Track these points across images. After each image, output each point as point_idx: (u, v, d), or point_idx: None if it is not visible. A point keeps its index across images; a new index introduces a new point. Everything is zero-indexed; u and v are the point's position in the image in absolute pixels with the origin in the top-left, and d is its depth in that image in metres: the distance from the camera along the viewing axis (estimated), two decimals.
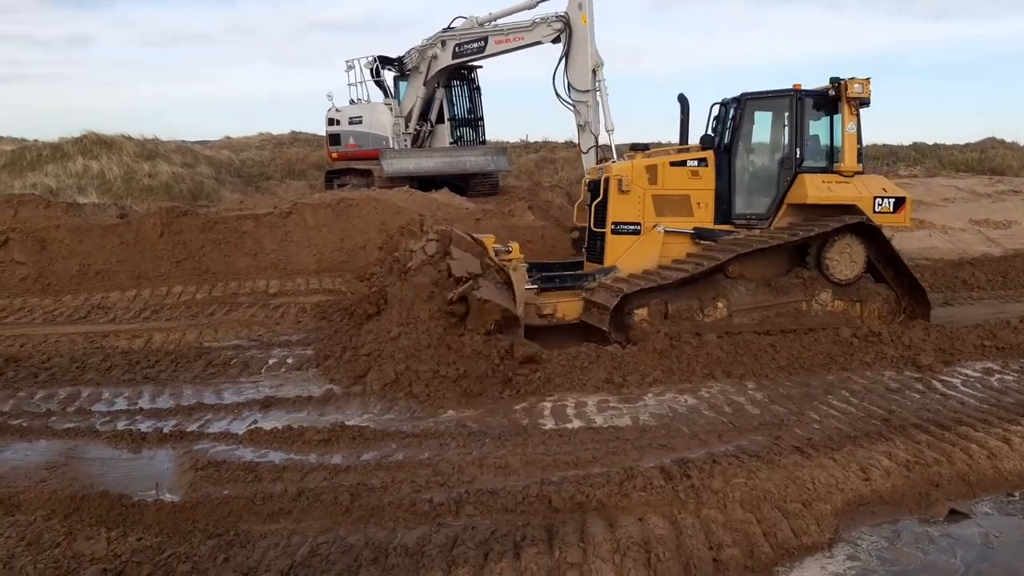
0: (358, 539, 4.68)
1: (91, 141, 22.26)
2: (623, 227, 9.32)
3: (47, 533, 4.71)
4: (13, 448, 6.07)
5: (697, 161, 9.39)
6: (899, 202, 9.24)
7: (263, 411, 6.99)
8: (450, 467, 5.59)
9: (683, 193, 9.36)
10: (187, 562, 4.42)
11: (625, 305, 8.72)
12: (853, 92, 8.96)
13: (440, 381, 7.24)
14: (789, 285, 9.03)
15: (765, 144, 9.73)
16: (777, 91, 9.30)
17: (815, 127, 9.43)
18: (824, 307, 9.08)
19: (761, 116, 9.58)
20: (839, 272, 9.01)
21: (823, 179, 9.12)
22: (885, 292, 9.34)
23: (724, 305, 8.87)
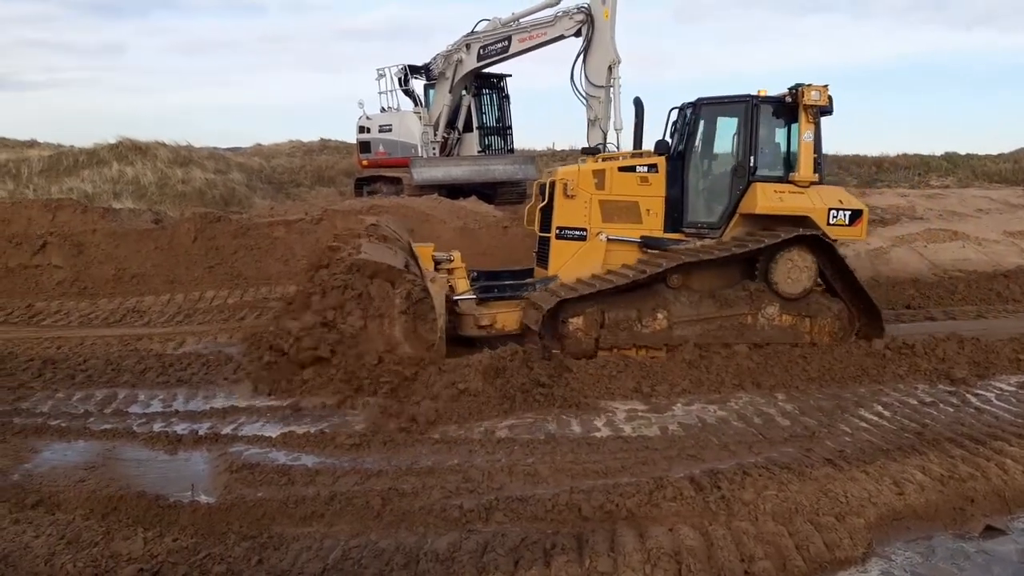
0: (389, 544, 4.72)
1: (126, 147, 22.69)
2: (568, 232, 9.04)
3: (86, 532, 4.82)
4: (52, 448, 6.20)
5: (647, 167, 9.04)
6: (856, 214, 8.81)
7: (295, 414, 7.09)
8: (479, 474, 5.62)
9: (631, 200, 9.02)
10: (222, 563, 4.50)
11: (560, 313, 8.50)
12: (810, 99, 8.58)
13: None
14: (734, 298, 8.71)
15: (719, 151, 9.37)
16: (733, 97, 8.96)
17: (776, 135, 9.15)
18: (771, 321, 8.73)
19: (718, 122, 9.26)
20: (786, 286, 8.65)
21: (776, 189, 8.73)
22: (837, 308, 8.91)
23: (664, 316, 8.56)
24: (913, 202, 17.42)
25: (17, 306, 11.35)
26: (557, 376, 7.58)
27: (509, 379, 7.36)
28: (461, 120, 19.26)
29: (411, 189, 17.48)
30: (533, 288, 9.02)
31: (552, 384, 7.42)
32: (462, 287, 9.10)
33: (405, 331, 7.80)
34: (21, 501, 5.15)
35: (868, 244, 14.14)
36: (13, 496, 5.20)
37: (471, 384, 7.25)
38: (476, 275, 9.85)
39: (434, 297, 8.00)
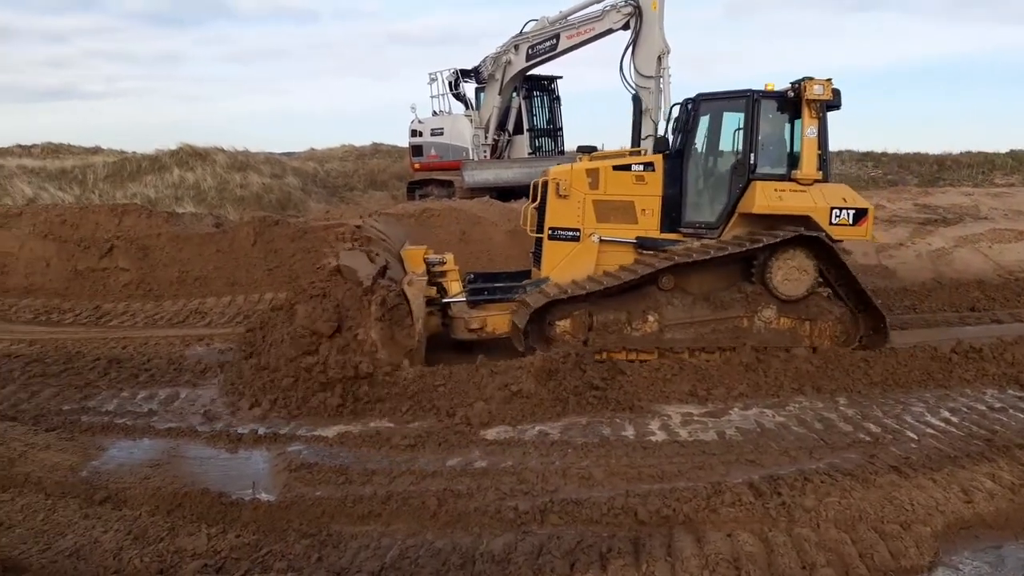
0: (445, 544, 4.76)
1: (186, 153, 23.34)
2: (561, 233, 8.77)
3: (152, 528, 4.97)
4: (119, 446, 6.39)
5: (643, 165, 8.70)
6: (860, 214, 8.33)
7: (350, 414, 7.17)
8: (534, 476, 5.62)
9: (627, 199, 8.71)
10: (282, 560, 4.59)
11: (547, 315, 8.36)
12: (812, 94, 8.19)
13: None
14: (729, 300, 8.45)
15: (719, 148, 9.02)
16: (733, 92, 8.61)
17: (779, 132, 8.75)
18: (768, 324, 8.46)
19: (716, 119, 8.94)
20: (784, 288, 8.32)
21: (776, 187, 8.35)
22: (839, 311, 8.55)
23: (655, 319, 8.37)
24: (977, 201, 16.82)
25: (85, 307, 11.74)
26: (610, 379, 7.53)
27: (562, 381, 7.34)
28: (511, 122, 19.32)
29: (462, 192, 17.61)
30: (524, 290, 8.81)
31: (606, 387, 7.38)
32: (455, 289, 8.98)
33: (383, 337, 7.55)
34: (90, 497, 5.33)
35: (930, 245, 13.73)
36: (83, 492, 5.39)
37: (524, 386, 7.25)
38: (473, 277, 9.82)
39: (411, 301, 7.83)
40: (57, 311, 11.54)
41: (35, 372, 8.35)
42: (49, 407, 7.33)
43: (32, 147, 29.92)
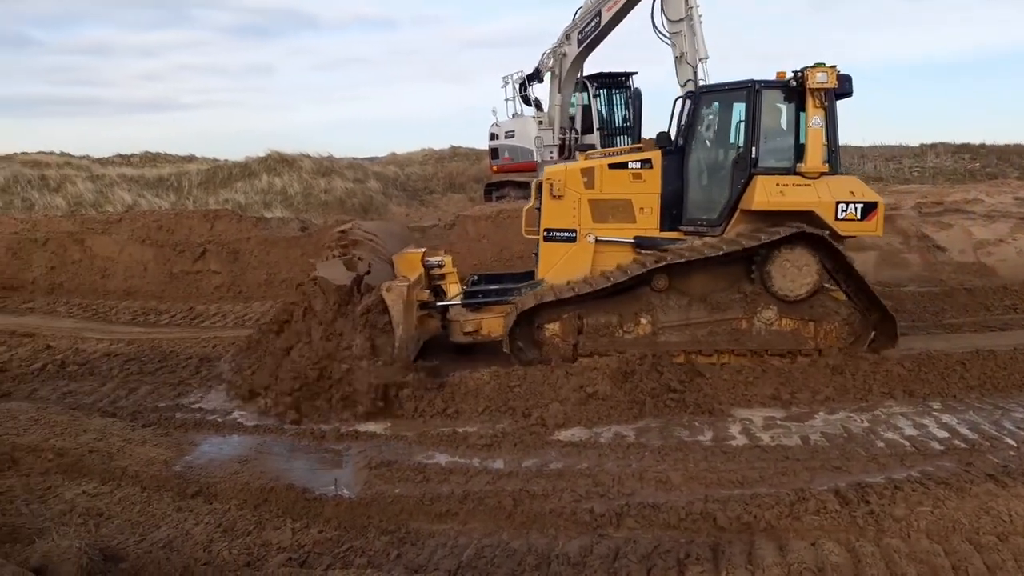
0: (521, 544, 4.77)
1: (274, 160, 24.18)
2: (557, 234, 8.53)
3: (240, 522, 5.17)
4: (210, 442, 6.67)
5: (640, 163, 8.38)
6: (869, 207, 7.84)
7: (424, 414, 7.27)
8: (609, 478, 5.58)
9: (624, 198, 8.42)
10: (363, 556, 4.70)
11: (536, 318, 8.18)
12: (815, 82, 7.78)
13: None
14: (728, 301, 8.10)
15: (720, 142, 8.64)
16: (734, 83, 8.24)
17: (783, 123, 8.33)
18: (769, 326, 8.05)
19: (718, 112, 8.55)
20: (784, 288, 7.92)
21: (778, 182, 7.93)
22: (846, 312, 8.12)
23: (648, 321, 8.10)
24: None
25: (180, 308, 12.30)
26: (689, 381, 7.40)
27: (638, 384, 7.26)
28: (579, 120, 19.15)
29: None
30: (519, 292, 8.59)
31: (684, 389, 7.26)
32: (453, 292, 8.94)
33: (363, 344, 7.54)
34: (183, 491, 5.58)
35: None
36: (176, 486, 5.64)
37: (599, 388, 7.22)
38: (476, 278, 9.74)
39: (390, 307, 7.75)
40: (154, 312, 12.12)
41: (132, 370, 8.80)
42: (145, 404, 7.72)
43: (131, 156, 31.58)
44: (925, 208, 13.62)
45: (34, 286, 13.32)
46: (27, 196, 21.30)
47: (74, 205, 19.88)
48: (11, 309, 12.27)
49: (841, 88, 7.93)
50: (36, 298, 12.84)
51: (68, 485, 5.72)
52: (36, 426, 6.67)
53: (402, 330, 7.73)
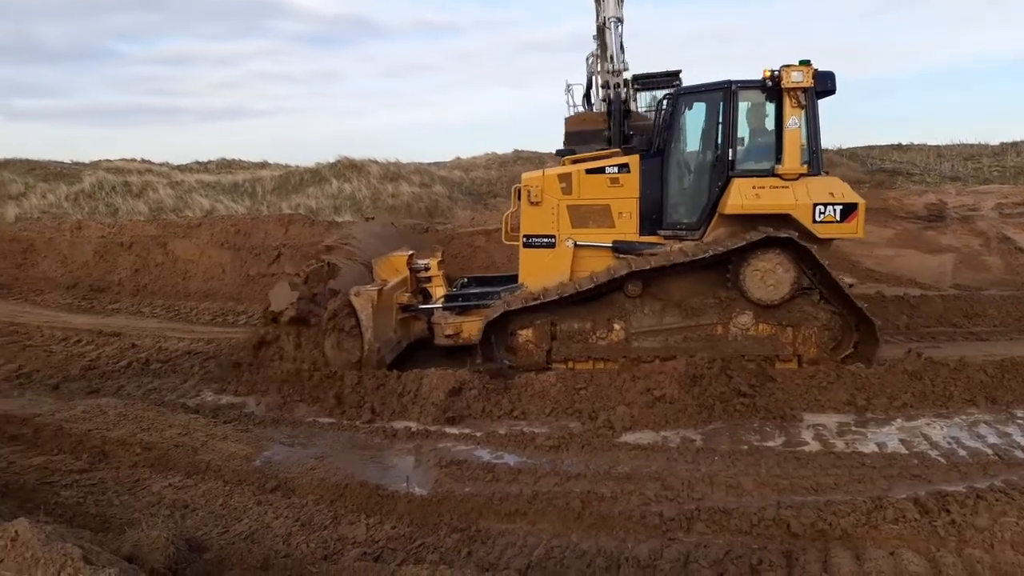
0: (590, 546, 4.79)
1: (343, 165, 24.72)
2: (535, 240, 8.53)
3: (317, 516, 5.33)
4: (286, 438, 6.84)
5: (618, 167, 8.32)
6: (849, 209, 7.66)
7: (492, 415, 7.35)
8: (679, 482, 5.55)
9: (602, 203, 8.37)
10: (435, 552, 4.79)
11: (509, 324, 8.16)
12: (791, 82, 7.61)
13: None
14: (702, 306, 7.99)
15: (698, 145, 8.53)
16: (711, 84, 8.10)
17: (763, 124, 8.15)
18: (745, 331, 7.94)
19: (696, 113, 8.42)
20: (760, 293, 7.76)
21: (754, 184, 7.78)
22: (826, 317, 7.90)
23: (621, 327, 8.06)
24: None
25: (257, 310, 12.66)
26: (759, 386, 7.28)
27: (707, 387, 7.18)
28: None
29: None
30: (498, 296, 8.59)
31: (754, 394, 7.15)
32: (437, 295, 9.02)
33: (331, 348, 8.00)
34: (262, 485, 5.78)
35: None
36: (256, 480, 5.85)
37: (667, 391, 7.17)
38: (467, 281, 9.75)
39: (358, 311, 7.95)
40: (231, 313, 12.53)
41: (212, 368, 9.10)
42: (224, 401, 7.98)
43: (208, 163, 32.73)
44: (1006, 209, 13.08)
45: (120, 288, 13.96)
46: (111, 202, 22.31)
47: (155, 210, 20.72)
48: (98, 310, 12.88)
49: (822, 86, 7.82)
50: (122, 299, 13.44)
51: (155, 478, 5.99)
52: (124, 421, 7.02)
53: (371, 333, 7.95)
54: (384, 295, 8.29)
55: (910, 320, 10.25)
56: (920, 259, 13.12)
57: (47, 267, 14.89)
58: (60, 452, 6.51)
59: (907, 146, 27.26)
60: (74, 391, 8.19)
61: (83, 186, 23.64)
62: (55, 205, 22.01)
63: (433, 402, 7.26)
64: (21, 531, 3.53)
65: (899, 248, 13.56)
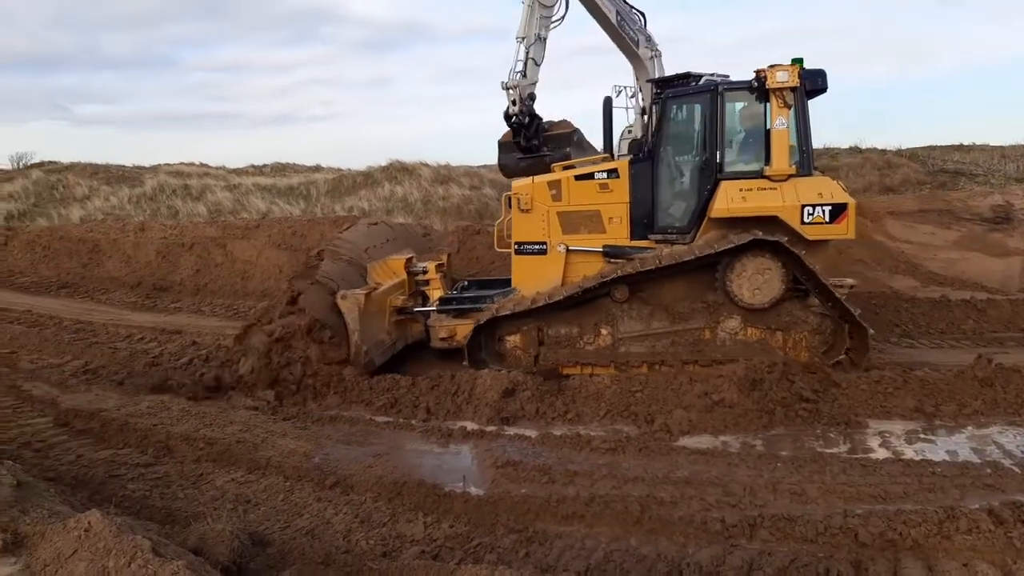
0: (650, 551, 4.73)
1: (395, 168, 24.95)
2: (527, 247, 8.54)
3: (375, 513, 5.38)
4: (344, 436, 6.91)
5: (607, 173, 8.27)
6: (838, 209, 7.49)
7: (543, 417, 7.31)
8: (740, 488, 5.44)
9: (592, 209, 8.34)
10: (492, 552, 4.78)
11: (497, 330, 8.22)
12: (776, 82, 7.49)
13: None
14: (689, 310, 7.92)
15: (688, 147, 8.38)
16: (698, 86, 8.05)
17: (753, 125, 8.01)
18: (733, 335, 7.85)
19: (685, 115, 8.33)
20: (747, 296, 7.64)
21: (742, 187, 7.67)
22: (816, 320, 7.76)
23: (608, 332, 8.06)
24: None
25: None
26: (823, 391, 7.11)
27: (768, 392, 7.03)
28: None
29: None
30: (491, 300, 8.59)
31: (817, 399, 6.97)
32: (433, 298, 9.12)
33: (318, 361, 8.11)
34: (322, 482, 5.85)
35: None
36: (315, 477, 5.92)
37: (726, 395, 7.04)
38: (466, 284, 9.81)
39: (345, 314, 8.10)
40: None
41: None
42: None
43: (263, 167, 33.36)
44: None
45: (181, 287, 14.32)
46: (172, 204, 22.91)
47: (214, 212, 21.21)
48: (161, 308, 13.24)
49: (812, 85, 7.70)
50: (183, 298, 13.80)
51: (218, 472, 6.12)
52: (188, 417, 7.19)
53: (357, 336, 8.09)
54: (374, 298, 8.46)
55: (977, 325, 9.92)
56: (986, 262, 12.67)
57: (112, 267, 15.36)
58: (126, 446, 6.68)
59: (969, 146, 26.40)
60: (138, 387, 8.40)
61: (144, 189, 24.35)
62: (118, 207, 22.70)
63: (487, 403, 7.25)
64: (94, 522, 3.64)
65: (964, 251, 13.12)
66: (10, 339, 10.51)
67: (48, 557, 3.53)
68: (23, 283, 14.90)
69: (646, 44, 10.94)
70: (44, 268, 15.75)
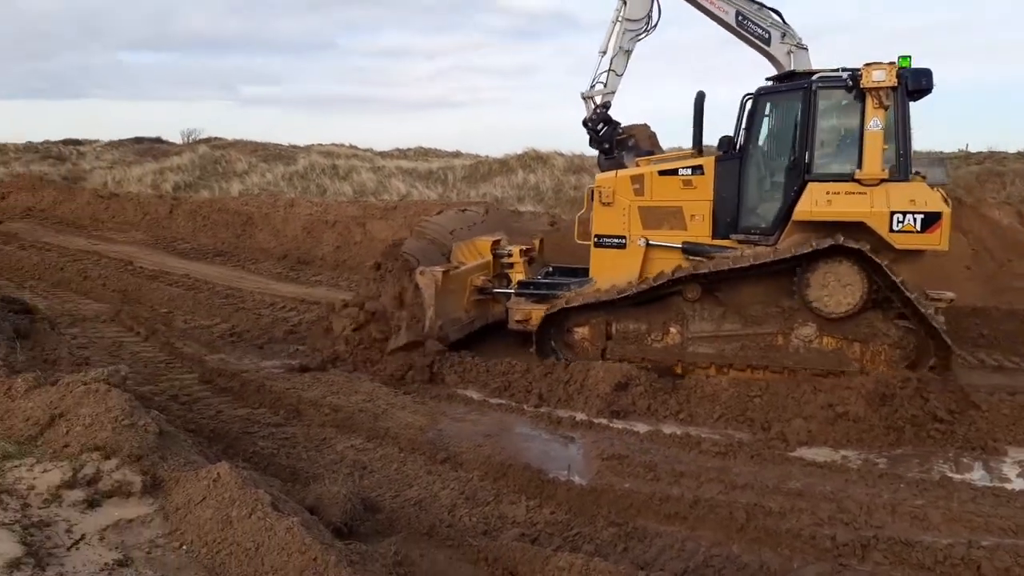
0: (752, 560, 4.63)
1: (530, 157, 25.22)
2: (606, 240, 8.46)
3: (480, 492, 5.54)
4: (459, 414, 7.16)
5: (691, 169, 8.05)
6: (931, 218, 7.05)
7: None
8: (856, 506, 5.21)
9: (675, 205, 8.17)
10: (590, 543, 4.82)
11: (566, 321, 8.28)
12: (871, 81, 7.06)
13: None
14: (763, 315, 7.71)
15: (778, 146, 8.09)
16: (791, 83, 7.76)
17: (848, 125, 7.57)
18: (807, 343, 7.59)
19: (777, 113, 8.05)
20: (824, 304, 7.39)
21: (829, 190, 7.35)
22: (898, 333, 7.37)
23: (677, 331, 7.93)
24: None
25: None
26: (959, 412, 6.64)
27: (898, 408, 6.66)
28: None
29: None
30: (568, 287, 8.61)
31: (952, 420, 6.53)
32: (515, 280, 9.39)
33: (406, 324, 8.36)
34: (433, 456, 6.08)
35: None
36: (428, 451, 6.16)
37: (851, 408, 6.73)
38: (551, 270, 9.92)
39: (422, 290, 8.31)
40: None
41: None
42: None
43: (407, 150, 34.61)
44: None
45: (322, 262, 15.14)
46: (320, 183, 24.21)
47: (358, 192, 22.24)
48: (303, 280, 14.06)
49: (916, 85, 7.27)
50: (323, 272, 14.58)
51: (339, 438, 6.49)
52: (317, 384, 7.67)
53: (432, 311, 8.33)
54: (453, 276, 8.74)
55: None
56: None
57: (262, 239, 16.46)
58: (261, 406, 7.21)
59: None
60: (276, 352, 9.01)
61: (297, 167, 25.85)
62: (272, 184, 24.24)
63: (598, 394, 7.27)
64: (223, 473, 3.97)
65: None
66: (168, 300, 11.51)
67: (180, 501, 3.90)
68: (184, 249, 16.22)
69: (781, 40, 10.60)
70: (203, 236, 17.08)
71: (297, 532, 3.50)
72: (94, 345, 8.82)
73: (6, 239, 16.10)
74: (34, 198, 20.90)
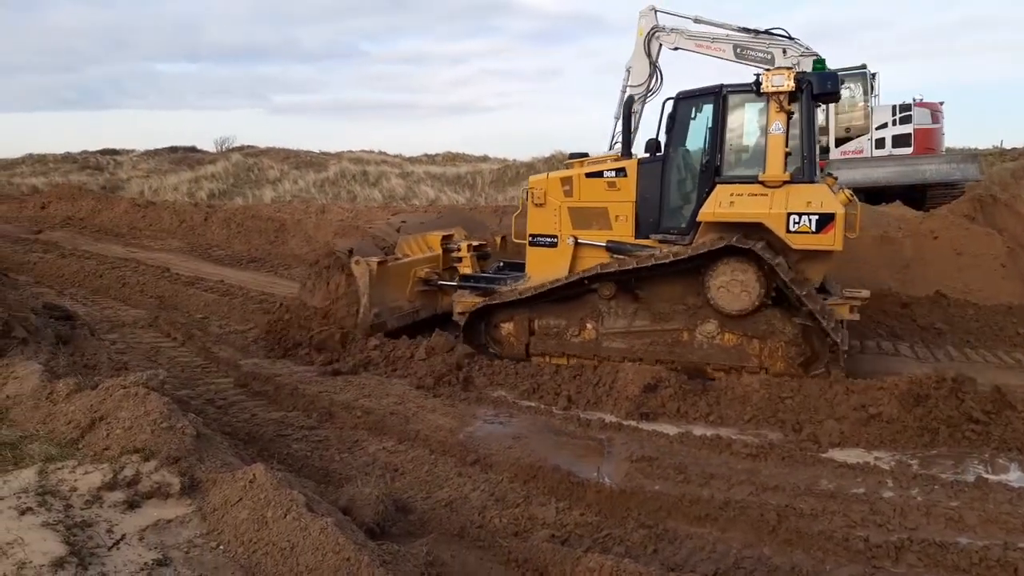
0: (784, 562, 4.61)
1: (557, 160, 25.29)
2: (540, 239, 8.89)
3: (510, 493, 5.58)
4: (488, 416, 7.20)
5: (615, 172, 8.40)
6: (824, 219, 7.28)
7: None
8: (889, 508, 5.16)
9: (600, 206, 8.53)
10: (620, 544, 4.84)
11: (492, 316, 8.74)
12: (771, 86, 7.36)
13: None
14: (670, 312, 8.13)
15: (694, 149, 8.35)
16: (705, 88, 7.97)
17: (758, 129, 7.87)
18: (710, 339, 7.95)
19: (694, 117, 8.21)
20: (724, 302, 7.70)
21: (733, 191, 7.63)
22: (794, 331, 7.67)
23: (592, 327, 8.35)
24: None
25: None
26: (996, 413, 6.53)
27: (932, 409, 6.56)
28: None
29: None
30: (504, 282, 9.06)
31: (989, 421, 6.43)
32: (461, 272, 9.98)
33: (339, 312, 9.04)
34: (464, 458, 6.13)
35: None
36: (458, 452, 6.22)
37: (885, 409, 6.65)
38: (501, 264, 10.38)
39: (357, 278, 8.91)
40: None
41: None
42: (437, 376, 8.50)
43: (436, 156, 34.88)
44: None
45: None
46: (351, 189, 24.53)
47: (388, 198, 22.49)
48: None
49: (821, 89, 7.50)
50: None
51: (371, 440, 6.57)
52: (349, 387, 7.79)
53: (367, 299, 8.90)
54: (393, 266, 9.35)
55: None
56: None
57: (295, 245, 16.69)
58: (295, 409, 7.33)
59: None
60: (307, 355, 9.10)
61: (328, 174, 26.20)
62: (304, 190, 24.60)
63: (627, 396, 7.27)
64: (258, 475, 4.06)
65: None
66: (204, 305, 11.73)
67: (217, 502, 4.00)
68: (219, 255, 16.50)
69: (784, 56, 10.99)
70: (237, 243, 17.37)
71: (331, 532, 3.57)
72: (132, 350, 9.04)
73: (46, 248, 16.51)
74: (73, 207, 21.45)
